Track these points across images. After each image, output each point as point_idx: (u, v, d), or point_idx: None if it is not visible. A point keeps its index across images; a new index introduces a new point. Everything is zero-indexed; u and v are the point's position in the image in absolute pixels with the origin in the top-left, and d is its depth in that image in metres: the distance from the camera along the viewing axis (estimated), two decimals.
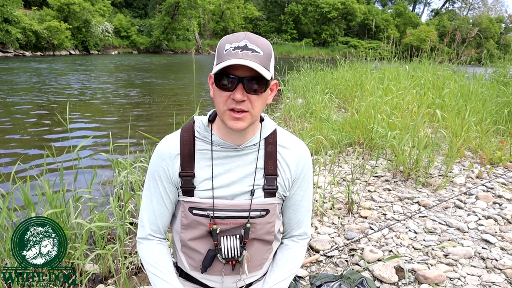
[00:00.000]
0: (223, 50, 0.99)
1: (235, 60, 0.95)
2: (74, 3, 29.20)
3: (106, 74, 16.74)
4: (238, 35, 1.01)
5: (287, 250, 1.26)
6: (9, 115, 7.62)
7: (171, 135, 1.16)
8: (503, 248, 2.25)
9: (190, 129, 1.14)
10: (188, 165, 1.11)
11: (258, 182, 1.13)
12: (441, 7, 64.55)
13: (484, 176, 3.49)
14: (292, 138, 1.20)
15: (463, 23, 50.89)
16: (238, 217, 1.12)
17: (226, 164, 1.12)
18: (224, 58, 0.97)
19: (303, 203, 1.22)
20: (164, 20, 37.55)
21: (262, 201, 1.13)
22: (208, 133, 1.12)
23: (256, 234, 1.15)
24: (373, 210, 2.81)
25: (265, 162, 1.14)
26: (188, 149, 1.11)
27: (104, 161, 4.15)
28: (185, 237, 1.15)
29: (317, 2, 48.87)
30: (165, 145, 1.14)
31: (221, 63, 0.97)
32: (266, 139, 1.15)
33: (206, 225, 1.12)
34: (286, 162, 1.16)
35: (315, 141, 4.06)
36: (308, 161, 1.20)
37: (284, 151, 1.16)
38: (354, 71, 7.82)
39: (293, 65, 9.04)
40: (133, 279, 2.11)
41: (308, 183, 1.22)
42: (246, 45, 0.98)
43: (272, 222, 1.16)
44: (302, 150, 1.19)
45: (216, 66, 0.99)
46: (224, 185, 1.11)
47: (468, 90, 5.49)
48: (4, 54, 24.53)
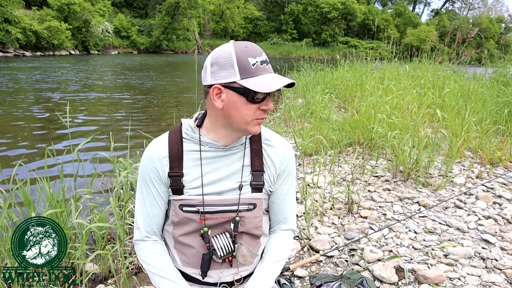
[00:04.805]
0: (248, 65, 1.01)
1: (274, 77, 1.03)
2: (74, 3, 29.21)
3: (106, 74, 16.74)
4: (253, 47, 1.04)
5: (274, 240, 1.29)
6: (9, 115, 7.62)
7: (159, 138, 1.20)
8: (503, 248, 2.25)
9: (178, 131, 1.18)
10: (177, 166, 1.14)
11: (245, 178, 1.17)
12: (441, 7, 64.57)
13: (484, 176, 3.49)
14: (276, 136, 1.25)
15: (463, 23, 50.93)
16: (227, 211, 1.16)
17: (214, 163, 1.16)
18: (256, 73, 1.01)
19: (288, 197, 1.27)
20: (164, 20, 37.56)
21: (249, 195, 1.17)
22: (196, 134, 1.15)
23: (245, 228, 1.18)
24: (373, 210, 2.81)
25: (252, 159, 1.18)
26: (176, 150, 1.15)
27: (104, 161, 4.15)
28: (176, 233, 1.19)
29: (317, 2, 48.88)
30: (154, 148, 1.17)
31: (255, 77, 1.01)
32: (251, 137, 1.19)
33: (197, 221, 1.16)
34: (271, 158, 1.21)
35: (315, 141, 4.07)
36: (292, 158, 1.26)
37: (269, 149, 1.21)
38: (354, 71, 7.82)
39: (293, 65, 9.05)
40: (133, 279, 2.11)
41: (292, 179, 1.28)
42: (266, 58, 1.05)
43: (260, 217, 1.21)
44: (286, 148, 1.24)
45: (247, 80, 1.01)
46: (212, 182, 1.15)
47: (468, 90, 5.49)
48: (4, 54, 24.54)
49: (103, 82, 13.73)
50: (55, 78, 14.09)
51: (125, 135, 3.79)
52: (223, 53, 1.03)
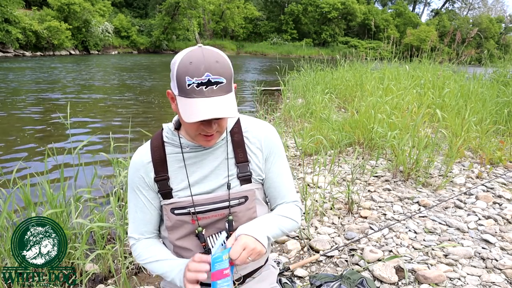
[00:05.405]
0: (184, 84, 0.95)
1: (206, 110, 0.94)
2: (74, 3, 29.19)
3: (106, 74, 16.74)
4: (197, 65, 0.94)
5: (277, 208, 1.26)
6: (9, 115, 7.62)
7: (143, 146, 1.20)
8: (503, 248, 2.25)
9: (159, 136, 1.18)
10: (161, 170, 1.15)
11: (231, 172, 1.17)
12: (441, 7, 64.54)
13: (484, 176, 3.49)
14: (255, 122, 1.23)
15: (463, 23, 50.92)
16: (219, 209, 1.15)
17: (198, 162, 1.16)
18: (189, 94, 0.95)
19: (282, 178, 1.24)
20: (164, 20, 37.55)
21: (239, 189, 1.16)
22: (176, 136, 1.16)
23: (239, 223, 1.17)
24: (373, 210, 2.81)
25: (234, 151, 1.17)
26: (159, 155, 1.15)
27: (105, 161, 4.15)
28: (172, 237, 1.19)
29: (317, 2, 48.86)
30: (138, 156, 1.18)
31: (188, 99, 0.95)
32: (231, 130, 1.19)
33: (190, 223, 1.16)
34: (255, 145, 1.19)
35: (315, 141, 4.07)
36: (274, 137, 1.23)
37: (250, 136, 1.20)
38: (354, 71, 7.81)
39: (294, 65, 9.04)
40: (133, 279, 2.11)
41: (281, 158, 1.24)
42: (209, 79, 0.94)
43: (253, 208, 1.19)
44: (266, 130, 1.22)
45: (181, 98, 0.97)
46: (199, 181, 1.15)
47: (468, 90, 5.49)
48: (4, 54, 24.53)
49: (103, 82, 13.72)
50: (55, 78, 14.09)
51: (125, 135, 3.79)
52: (173, 62, 0.99)
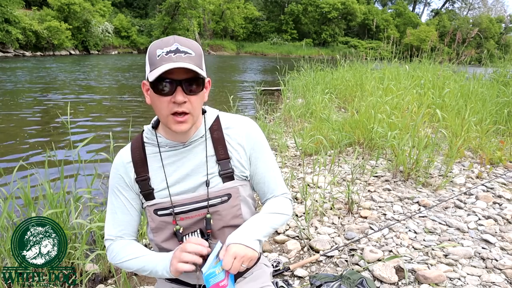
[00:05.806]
0: (155, 57, 1.00)
1: (171, 64, 0.97)
2: (74, 3, 29.22)
3: (106, 74, 16.74)
4: (167, 39, 1.02)
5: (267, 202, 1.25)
6: (9, 115, 7.62)
7: (124, 147, 1.21)
8: (503, 248, 2.25)
9: (139, 137, 1.19)
10: (142, 170, 1.14)
11: (212, 170, 1.15)
12: (441, 7, 64.59)
13: (484, 176, 3.49)
14: (235, 118, 1.22)
15: (463, 23, 50.93)
16: (200, 208, 1.14)
17: (178, 161, 1.15)
18: (158, 63, 0.99)
19: (269, 173, 1.24)
20: (164, 20, 37.59)
21: (221, 187, 1.15)
22: (155, 136, 1.15)
23: (223, 222, 1.16)
24: (373, 210, 2.81)
25: (215, 148, 1.16)
26: (138, 155, 1.15)
27: (105, 161, 4.15)
28: (158, 240, 1.18)
29: (317, 2, 48.90)
30: (118, 157, 1.19)
31: (156, 69, 0.98)
32: (211, 127, 1.18)
33: (172, 224, 1.14)
34: (236, 142, 1.18)
35: (315, 141, 4.07)
36: (256, 133, 1.22)
37: (231, 132, 1.18)
38: (354, 71, 7.81)
39: (294, 65, 9.04)
40: (133, 279, 2.11)
41: (265, 152, 1.23)
42: (177, 48, 0.99)
43: (237, 206, 1.16)
44: (247, 126, 1.21)
45: (150, 73, 1.00)
46: (180, 180, 1.14)
47: (468, 90, 5.48)
48: (4, 54, 24.54)
49: (103, 83, 13.72)
50: (55, 78, 14.09)
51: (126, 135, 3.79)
52: (149, 51, 1.03)
